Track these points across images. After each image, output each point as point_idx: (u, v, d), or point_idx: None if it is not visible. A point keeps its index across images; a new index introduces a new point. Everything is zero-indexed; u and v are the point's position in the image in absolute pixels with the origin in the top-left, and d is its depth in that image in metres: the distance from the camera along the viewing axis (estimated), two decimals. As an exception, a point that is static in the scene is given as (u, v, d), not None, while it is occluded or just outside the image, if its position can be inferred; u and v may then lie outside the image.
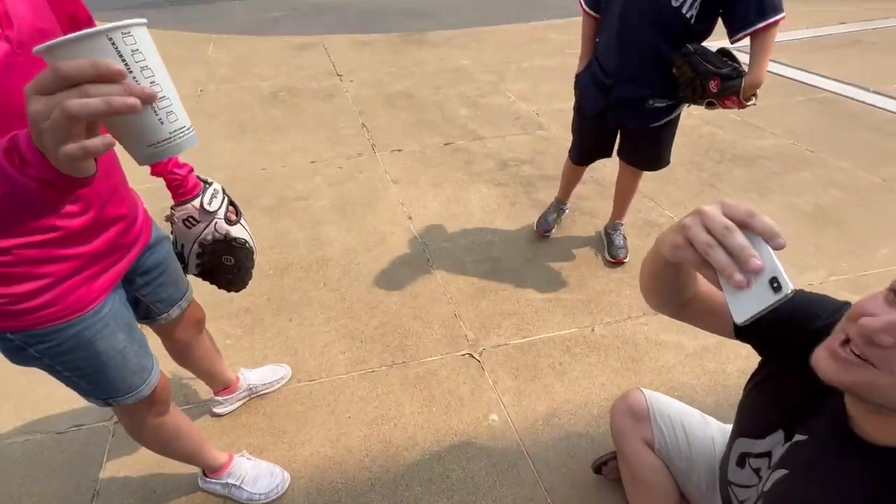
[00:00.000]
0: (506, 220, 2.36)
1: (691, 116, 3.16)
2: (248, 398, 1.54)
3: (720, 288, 0.48)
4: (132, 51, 0.39)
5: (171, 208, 1.04)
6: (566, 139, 2.03)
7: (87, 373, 0.84)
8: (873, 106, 3.24)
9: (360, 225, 2.35)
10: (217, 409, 1.49)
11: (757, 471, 0.83)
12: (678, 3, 1.42)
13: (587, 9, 1.66)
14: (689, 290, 0.77)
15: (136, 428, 1.03)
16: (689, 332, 1.72)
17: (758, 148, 2.85)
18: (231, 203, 1.09)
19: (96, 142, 0.38)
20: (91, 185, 0.45)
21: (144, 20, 0.41)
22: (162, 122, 0.42)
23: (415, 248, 2.19)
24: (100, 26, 0.39)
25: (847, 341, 0.56)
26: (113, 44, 0.38)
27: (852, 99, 3.35)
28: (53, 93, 0.37)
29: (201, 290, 1.23)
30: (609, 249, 2.05)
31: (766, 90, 3.60)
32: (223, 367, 1.42)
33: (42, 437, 1.50)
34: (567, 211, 2.24)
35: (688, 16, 1.43)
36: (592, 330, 1.75)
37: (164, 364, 1.08)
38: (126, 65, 0.39)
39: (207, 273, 1.13)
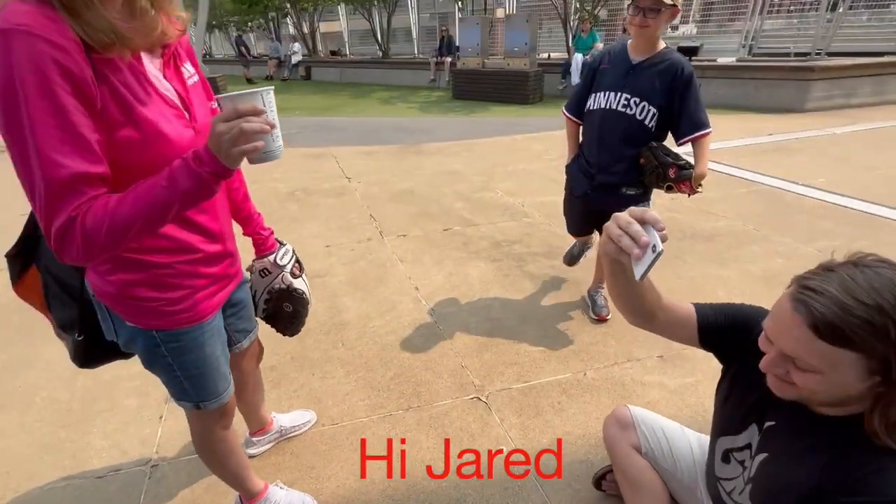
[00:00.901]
0: (501, 288, 2.68)
1: (655, 206, 3.67)
2: (278, 440, 1.69)
3: (636, 277, 0.74)
4: (267, 101, 0.76)
5: (253, 261, 1.34)
6: (548, 224, 2.46)
7: (193, 374, 1.05)
8: (803, 195, 3.83)
9: (372, 295, 2.64)
10: (250, 450, 1.63)
11: (742, 462, 0.98)
12: (641, 118, 1.90)
13: (569, 115, 2.15)
14: (648, 300, 0.99)
15: (205, 437, 1.20)
16: (669, 373, 1.96)
17: (713, 228, 3.33)
18: (297, 261, 1.39)
19: (248, 147, 0.71)
20: (222, 224, 0.78)
21: (272, 87, 0.78)
22: (274, 140, 0.77)
23: (423, 313, 2.46)
24: (256, 88, 0.76)
25: None
26: (261, 97, 0.75)
27: (786, 191, 3.96)
28: (231, 120, 0.71)
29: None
30: (593, 308, 2.35)
31: (716, 184, 4.23)
32: (263, 406, 1.60)
33: (82, 481, 1.60)
34: (588, 249, 2.59)
35: (649, 126, 1.92)
36: (584, 374, 1.98)
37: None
38: (265, 108, 0.75)
39: (270, 317, 1.38)
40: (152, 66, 0.82)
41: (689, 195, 1.93)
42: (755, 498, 0.93)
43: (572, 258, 2.58)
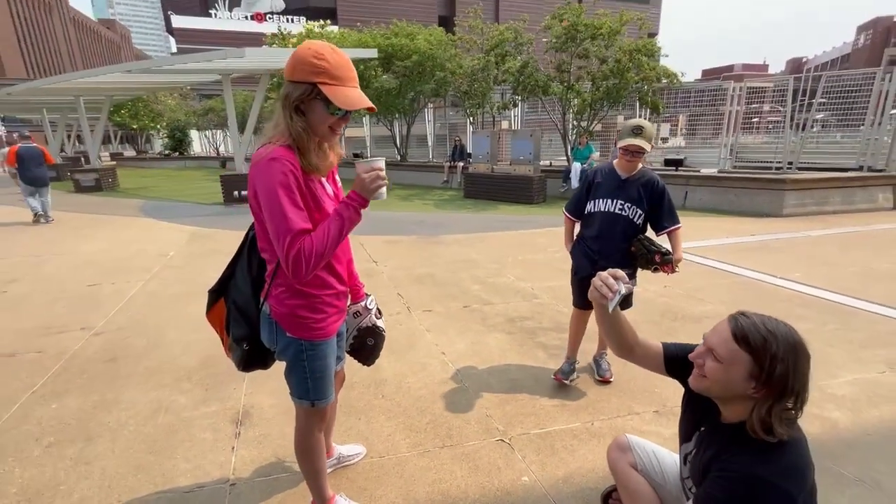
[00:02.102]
0: (517, 355, 3.08)
1: (649, 291, 4.19)
2: (336, 466, 2.01)
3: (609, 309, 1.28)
4: (382, 165, 1.32)
5: (349, 305, 1.82)
6: (556, 305, 2.93)
7: (317, 377, 1.48)
8: (780, 287, 4.34)
9: (405, 358, 3.04)
10: (314, 473, 1.95)
11: (693, 463, 1.36)
12: (633, 217, 2.50)
13: (569, 215, 2.74)
14: (627, 335, 1.49)
15: (307, 433, 1.58)
16: (664, 425, 2.30)
17: (701, 311, 3.79)
18: (378, 308, 1.87)
19: (379, 185, 1.28)
20: (345, 274, 1.32)
21: (384, 158, 1.35)
22: (385, 189, 1.32)
23: (450, 373, 2.85)
24: (382, 158, 1.32)
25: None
26: (383, 161, 1.32)
27: (765, 282, 4.48)
28: (370, 172, 1.28)
29: (291, 411, 1.90)
30: (598, 371, 2.74)
31: (702, 275, 4.77)
32: (332, 432, 1.96)
33: (172, 495, 1.91)
34: (575, 368, 2.74)
35: (638, 223, 2.51)
36: (592, 424, 2.32)
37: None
38: (383, 167, 1.31)
39: (354, 349, 1.82)
40: (324, 179, 1.42)
41: (669, 274, 2.44)
42: (693, 480, 1.31)
43: (566, 375, 2.70)
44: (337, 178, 1.57)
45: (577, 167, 10.18)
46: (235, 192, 10.62)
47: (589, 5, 10.82)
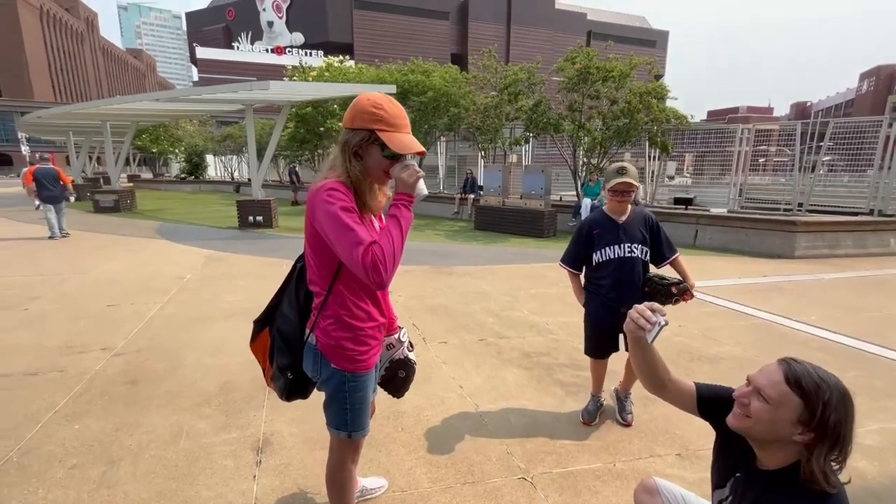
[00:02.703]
0: (535, 392, 3.07)
1: (664, 330, 4.17)
2: (358, 499, 2.00)
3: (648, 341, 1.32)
4: (413, 162, 1.40)
5: (384, 337, 1.86)
6: (571, 341, 2.94)
7: (356, 408, 1.52)
8: (796, 329, 4.32)
9: (423, 391, 3.04)
10: (337, 506, 1.94)
11: None
12: (642, 256, 2.56)
13: (567, 267, 2.74)
14: (660, 371, 1.52)
15: (341, 463, 1.60)
16: (687, 468, 2.27)
17: (717, 352, 3.77)
18: (410, 341, 1.91)
19: (417, 177, 1.35)
20: (385, 308, 1.39)
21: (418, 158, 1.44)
22: (423, 183, 1.39)
23: (468, 407, 2.84)
24: (412, 156, 1.41)
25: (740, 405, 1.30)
26: (417, 159, 1.42)
27: (781, 325, 4.46)
28: (405, 167, 1.37)
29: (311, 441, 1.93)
30: (621, 413, 2.71)
31: (717, 315, 4.75)
32: (357, 464, 1.96)
33: (194, 523, 1.90)
34: (602, 404, 2.76)
35: (646, 260, 2.57)
36: (614, 465, 2.29)
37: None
38: (415, 163, 1.39)
39: (386, 381, 1.85)
40: (373, 216, 1.50)
41: (687, 301, 2.46)
42: None
43: (589, 417, 2.69)
44: (383, 217, 1.65)
45: (587, 203, 10.33)
46: (250, 217, 10.83)
47: (600, 49, 11.24)
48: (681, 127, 10.77)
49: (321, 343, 1.47)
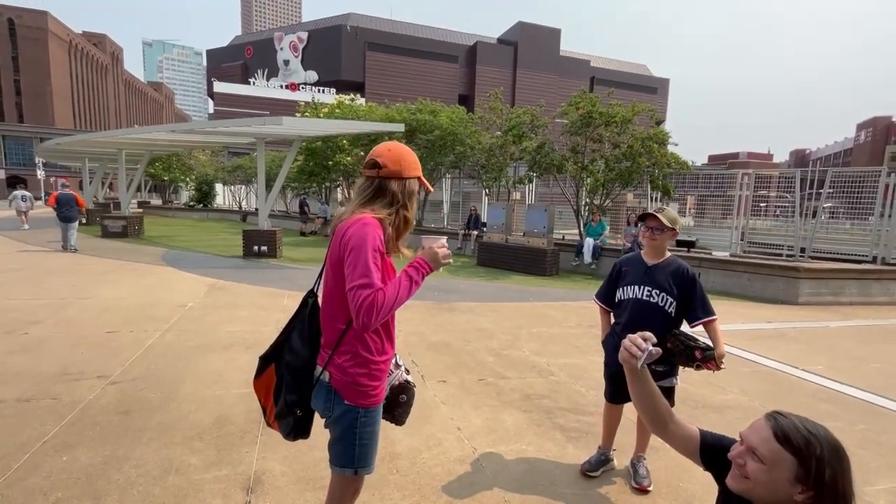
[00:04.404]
0: (535, 436, 3.00)
1: (667, 375, 4.11)
2: (349, 546, 1.92)
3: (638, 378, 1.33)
4: (446, 243, 1.46)
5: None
6: (573, 384, 2.90)
7: (365, 443, 1.50)
8: (803, 379, 4.23)
9: (420, 431, 2.97)
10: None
11: None
12: (663, 305, 2.45)
13: (600, 303, 2.70)
14: (661, 409, 1.47)
15: (343, 500, 1.56)
16: (692, 525, 2.18)
17: (721, 401, 3.69)
18: (405, 366, 1.90)
19: (447, 260, 1.43)
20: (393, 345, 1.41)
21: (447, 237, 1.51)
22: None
23: (466, 451, 2.77)
24: (444, 238, 1.47)
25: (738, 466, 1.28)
26: (447, 240, 1.44)
27: (786, 374, 4.38)
28: (441, 248, 1.45)
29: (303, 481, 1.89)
30: (635, 478, 2.54)
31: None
32: None
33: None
34: (608, 461, 2.63)
35: (669, 311, 2.45)
36: (616, 518, 2.21)
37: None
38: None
39: (386, 409, 1.81)
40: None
41: (714, 371, 2.31)
42: None
43: (590, 468, 2.60)
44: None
45: (589, 242, 10.39)
46: (255, 247, 10.93)
47: (603, 96, 11.63)
48: (682, 171, 10.98)
49: (335, 380, 1.47)
